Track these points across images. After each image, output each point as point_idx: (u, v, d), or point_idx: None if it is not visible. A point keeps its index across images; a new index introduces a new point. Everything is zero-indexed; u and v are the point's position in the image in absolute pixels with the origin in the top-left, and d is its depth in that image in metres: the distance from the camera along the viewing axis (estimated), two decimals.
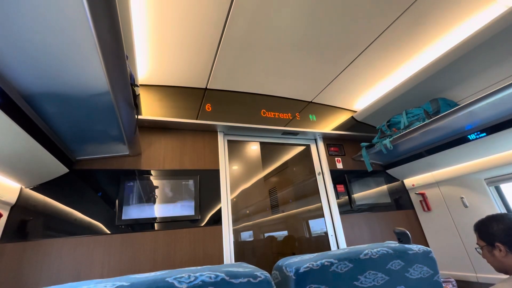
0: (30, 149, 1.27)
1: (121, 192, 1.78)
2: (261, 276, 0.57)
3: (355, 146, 2.73)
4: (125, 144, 1.71)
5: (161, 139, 2.04)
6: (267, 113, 2.26)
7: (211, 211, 1.95)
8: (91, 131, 1.49)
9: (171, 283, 0.50)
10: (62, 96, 1.14)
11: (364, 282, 0.65)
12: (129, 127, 1.42)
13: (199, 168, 2.04)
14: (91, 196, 1.75)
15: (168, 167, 1.97)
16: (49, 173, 1.62)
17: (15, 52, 0.89)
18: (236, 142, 2.36)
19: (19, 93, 1.06)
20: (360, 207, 2.43)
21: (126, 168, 1.87)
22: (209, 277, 0.53)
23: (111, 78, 1.02)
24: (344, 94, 2.35)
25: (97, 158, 1.82)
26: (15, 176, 1.44)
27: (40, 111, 1.20)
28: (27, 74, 0.99)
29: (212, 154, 2.13)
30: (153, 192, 1.88)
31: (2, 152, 1.19)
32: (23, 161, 1.34)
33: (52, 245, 1.55)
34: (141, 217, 1.77)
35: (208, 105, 2.08)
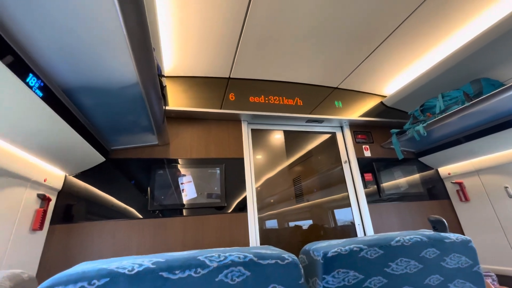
0: (71, 139, 1.37)
1: (152, 180, 1.88)
2: (289, 259, 0.57)
3: (384, 133, 2.60)
4: (154, 134, 1.79)
5: (188, 129, 2.10)
6: (290, 101, 2.22)
7: (236, 198, 1.99)
8: (123, 122, 1.58)
9: (202, 261, 0.52)
10: (96, 89, 1.22)
11: (395, 269, 0.63)
12: (157, 117, 1.48)
13: (224, 157, 2.08)
14: (126, 183, 1.86)
15: (195, 156, 2.03)
16: (88, 162, 1.75)
17: (56, 50, 0.96)
18: (259, 131, 2.36)
19: (60, 88, 1.14)
20: (389, 196, 2.34)
21: (156, 157, 1.96)
22: (238, 257, 0.54)
23: (139, 69, 1.06)
24: (373, 78, 2.23)
25: (129, 148, 1.92)
26: (60, 164, 1.58)
27: (78, 103, 1.29)
28: (66, 69, 1.06)
29: (236, 143, 2.15)
30: (182, 179, 1.95)
31: (48, 142, 1.30)
32: (65, 150, 1.46)
33: (93, 227, 1.69)
34: (171, 203, 1.86)
35: (231, 94, 2.09)
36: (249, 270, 0.54)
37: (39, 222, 1.48)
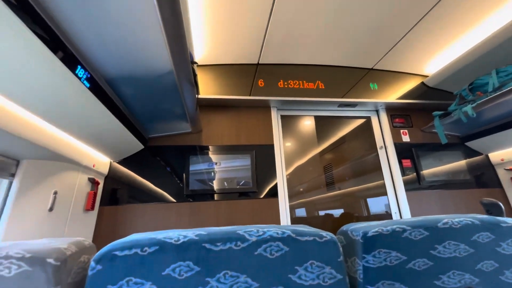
0: (114, 127, 1.48)
1: (187, 166, 1.97)
2: (327, 237, 0.57)
3: (425, 116, 2.41)
4: (187, 122, 1.85)
5: (219, 116, 2.14)
6: (321, 85, 2.14)
7: (267, 184, 2.01)
8: (159, 110, 1.66)
9: (242, 235, 0.54)
10: (135, 78, 1.28)
11: (442, 252, 0.59)
12: (190, 104, 1.53)
13: (254, 144, 2.09)
14: (163, 169, 1.98)
15: (226, 142, 2.08)
16: (129, 149, 1.88)
17: (100, 43, 1.03)
18: (289, 117, 2.33)
19: (104, 78, 1.23)
20: (430, 183, 2.18)
21: (190, 144, 2.04)
22: (276, 233, 0.55)
23: (173, 57, 1.09)
24: (412, 57, 2.06)
25: (165, 136, 2.02)
26: (105, 151, 1.72)
27: (119, 93, 1.38)
28: (109, 61, 1.14)
29: (266, 129, 2.15)
30: (215, 165, 2.02)
31: (95, 130, 1.42)
32: (110, 138, 1.58)
33: (136, 209, 1.83)
34: (204, 188, 1.93)
35: (260, 80, 2.08)
36: (287, 245, 0.54)
37: (90, 203, 1.64)
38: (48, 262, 0.46)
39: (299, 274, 0.54)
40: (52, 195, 1.33)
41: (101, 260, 0.49)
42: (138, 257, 0.49)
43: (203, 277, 0.50)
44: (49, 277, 0.46)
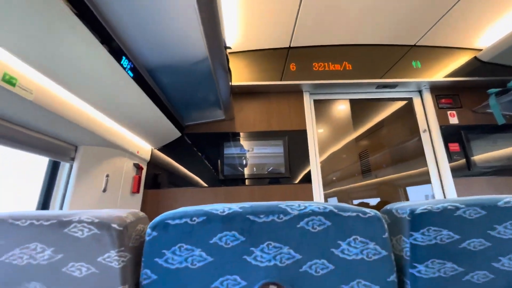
0: (155, 116, 1.57)
1: (221, 152, 2.03)
2: (371, 213, 0.55)
3: (478, 95, 2.17)
4: (221, 109, 1.90)
5: (250, 103, 2.16)
6: (357, 66, 2.03)
7: (300, 170, 2.00)
8: (194, 98, 1.72)
9: (284, 209, 0.55)
10: (172, 67, 1.34)
11: (503, 232, 0.54)
12: (224, 90, 1.56)
13: (286, 129, 2.08)
14: (198, 155, 2.06)
15: (258, 129, 2.09)
16: (168, 136, 1.99)
17: (141, 33, 1.08)
18: (322, 101, 2.26)
19: (144, 67, 1.30)
20: (483, 169, 1.98)
21: (223, 131, 2.10)
22: (318, 207, 0.55)
23: (209, 42, 1.11)
24: (462, 29, 1.84)
25: (200, 124, 2.10)
26: (147, 138, 1.84)
27: (158, 82, 1.45)
28: (149, 50, 1.20)
29: (298, 115, 2.12)
30: (248, 151, 2.06)
31: (138, 118, 1.52)
32: (151, 126, 1.68)
33: (176, 193, 1.95)
34: (238, 173, 1.99)
35: (292, 64, 2.03)
36: (330, 220, 0.54)
37: (136, 186, 1.79)
38: (113, 227, 0.52)
39: (342, 249, 0.53)
40: (105, 177, 1.47)
41: (156, 227, 0.54)
42: (187, 226, 0.53)
43: (248, 247, 0.53)
44: (113, 240, 0.52)
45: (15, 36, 0.78)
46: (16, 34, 0.78)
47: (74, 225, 0.52)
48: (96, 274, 0.51)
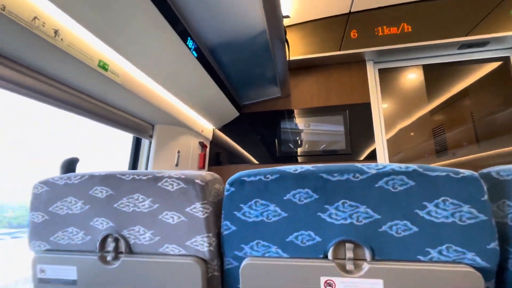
0: (216, 95, 1.66)
1: (278, 130, 2.04)
2: (465, 173, 0.49)
3: None
4: (277, 86, 1.89)
5: (307, 77, 2.08)
6: (432, 24, 1.74)
7: (363, 147, 1.87)
8: (251, 75, 1.74)
9: (360, 168, 0.52)
10: (231, 43, 1.37)
11: None
12: (281, 64, 1.54)
13: (347, 103, 1.95)
14: (255, 134, 2.12)
15: (315, 104, 2.02)
16: (227, 116, 2.09)
17: (204, 12, 1.13)
18: (389, 71, 2.03)
19: (206, 47, 1.37)
20: None
21: (279, 108, 2.09)
22: (399, 167, 0.51)
23: (267, 13, 1.10)
24: None
25: (256, 103, 2.14)
26: (209, 118, 1.96)
27: (218, 61, 1.51)
28: (210, 29, 1.25)
29: (360, 86, 1.96)
30: (305, 128, 2.02)
31: (201, 98, 1.62)
32: (212, 106, 1.78)
33: (235, 170, 2.05)
34: (296, 150, 1.98)
35: (353, 31, 1.87)
36: (414, 180, 0.50)
37: (202, 162, 1.95)
38: (196, 182, 0.58)
39: (428, 210, 0.49)
40: (176, 153, 1.64)
41: (233, 183, 0.58)
42: (262, 182, 0.56)
43: (322, 204, 0.53)
44: (198, 193, 0.58)
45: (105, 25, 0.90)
46: (106, 24, 0.90)
47: (166, 180, 0.59)
48: (185, 222, 0.58)
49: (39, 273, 0.65)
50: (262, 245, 0.55)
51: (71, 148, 1.36)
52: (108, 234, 0.62)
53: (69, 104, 1.02)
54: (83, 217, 0.64)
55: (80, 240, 0.64)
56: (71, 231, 0.65)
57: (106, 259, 0.61)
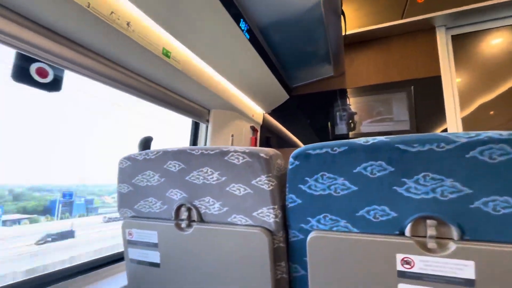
0: (266, 78, 1.65)
1: (331, 112, 1.95)
2: None
3: None
4: (330, 64, 1.79)
5: (363, 53, 1.92)
6: None
7: (432, 126, 1.67)
8: (303, 55, 1.68)
9: (445, 137, 0.46)
10: (282, 21, 1.33)
11: None
12: (335, 39, 1.44)
13: (412, 78, 1.74)
14: (306, 117, 2.06)
15: (374, 81, 1.86)
16: (277, 100, 2.07)
17: None
18: (466, 36, 1.73)
19: (257, 28, 1.36)
20: None
21: (332, 89, 1.98)
22: (499, 134, 0.43)
23: None
24: None
25: (307, 84, 2.06)
26: (260, 102, 1.98)
27: (269, 41, 1.49)
28: (262, 7, 1.23)
29: (428, 58, 1.72)
30: (361, 108, 1.88)
31: (252, 81, 1.63)
32: (263, 89, 1.78)
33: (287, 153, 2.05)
34: (351, 132, 1.86)
35: None
36: None
37: (254, 146, 1.99)
38: (261, 156, 0.59)
39: None
40: (231, 137, 1.71)
41: (298, 157, 0.57)
42: (329, 155, 0.54)
43: (399, 177, 0.48)
44: (263, 167, 0.59)
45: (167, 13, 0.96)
46: (169, 12, 0.95)
47: (232, 154, 0.62)
48: (251, 194, 0.60)
49: (128, 236, 0.76)
50: (330, 218, 0.54)
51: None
52: (182, 204, 0.68)
53: (139, 90, 1.13)
54: (160, 189, 0.71)
55: (158, 209, 0.72)
56: (150, 201, 0.73)
57: (181, 226, 0.68)
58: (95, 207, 6.52)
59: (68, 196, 7.09)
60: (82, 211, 5.82)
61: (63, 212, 5.47)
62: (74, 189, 9.07)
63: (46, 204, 6.96)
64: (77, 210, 6.24)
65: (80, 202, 5.68)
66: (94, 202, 7.34)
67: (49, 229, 5.92)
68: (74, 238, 5.78)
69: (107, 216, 7.13)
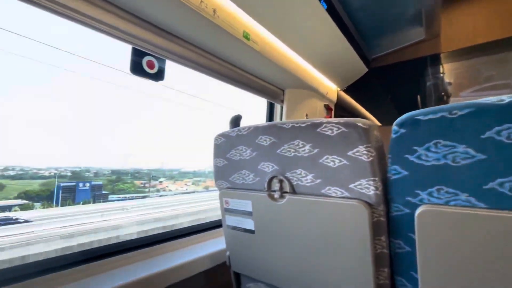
0: (343, 49, 1.53)
1: (422, 83, 1.69)
2: None
3: None
4: (421, 26, 1.53)
5: (465, 6, 1.57)
6: None
7: None
8: (387, 18, 1.49)
9: None
10: None
11: None
12: None
13: None
14: (388, 91, 1.84)
15: (481, 40, 1.51)
16: (354, 74, 1.91)
17: None
18: None
19: None
20: None
21: (422, 55, 1.71)
22: None
23: None
24: None
25: (390, 53, 1.83)
26: (334, 78, 1.86)
27: (348, 8, 1.36)
28: None
29: None
30: (460, 75, 1.57)
31: (326, 55, 1.54)
32: (338, 63, 1.67)
33: None
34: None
35: None
36: None
37: None
38: (359, 126, 0.56)
39: None
40: (305, 117, 1.68)
41: (403, 124, 0.52)
42: (445, 120, 0.47)
43: None
44: (361, 137, 0.56)
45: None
46: None
47: (324, 125, 0.61)
48: (347, 165, 0.58)
49: (225, 204, 0.85)
50: (446, 191, 0.48)
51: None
52: (274, 176, 0.71)
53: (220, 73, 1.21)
54: (252, 162, 0.76)
55: (251, 181, 0.77)
56: (244, 173, 0.79)
57: (274, 197, 0.71)
58: (104, 194, 5.60)
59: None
60: (86, 197, 5.02)
61: (64, 198, 4.71)
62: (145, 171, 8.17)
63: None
64: (81, 196, 5.20)
65: (84, 188, 4.90)
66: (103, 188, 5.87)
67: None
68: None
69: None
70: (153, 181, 14.02)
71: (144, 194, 10.48)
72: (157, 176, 14.50)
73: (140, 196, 10.02)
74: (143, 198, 8.45)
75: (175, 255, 1.02)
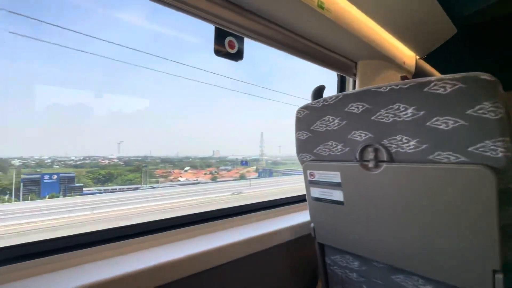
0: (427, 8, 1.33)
1: None
2: None
3: None
4: None
5: None
6: None
7: None
8: None
9: None
10: None
11: None
12: None
13: None
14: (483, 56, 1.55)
15: None
16: (438, 37, 1.65)
17: None
18: None
19: None
20: None
21: None
22: None
23: None
24: None
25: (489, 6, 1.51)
26: (412, 44, 1.65)
27: None
28: None
29: None
30: None
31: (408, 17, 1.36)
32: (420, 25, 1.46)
33: None
34: None
35: None
36: None
37: None
38: (482, 79, 0.49)
39: None
40: None
41: None
42: None
43: None
44: (487, 91, 0.49)
45: None
46: None
47: (434, 83, 0.54)
48: (466, 126, 0.52)
49: (309, 177, 0.86)
50: None
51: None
52: (367, 145, 0.68)
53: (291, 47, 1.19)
54: (341, 132, 0.74)
55: (339, 152, 0.76)
56: (330, 144, 0.78)
57: (368, 167, 0.69)
58: (77, 186, 4.31)
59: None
60: (54, 191, 3.95)
61: (26, 192, 3.73)
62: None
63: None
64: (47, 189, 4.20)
65: (50, 180, 3.85)
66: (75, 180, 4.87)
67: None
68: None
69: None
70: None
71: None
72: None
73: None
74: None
75: (256, 226, 1.08)
